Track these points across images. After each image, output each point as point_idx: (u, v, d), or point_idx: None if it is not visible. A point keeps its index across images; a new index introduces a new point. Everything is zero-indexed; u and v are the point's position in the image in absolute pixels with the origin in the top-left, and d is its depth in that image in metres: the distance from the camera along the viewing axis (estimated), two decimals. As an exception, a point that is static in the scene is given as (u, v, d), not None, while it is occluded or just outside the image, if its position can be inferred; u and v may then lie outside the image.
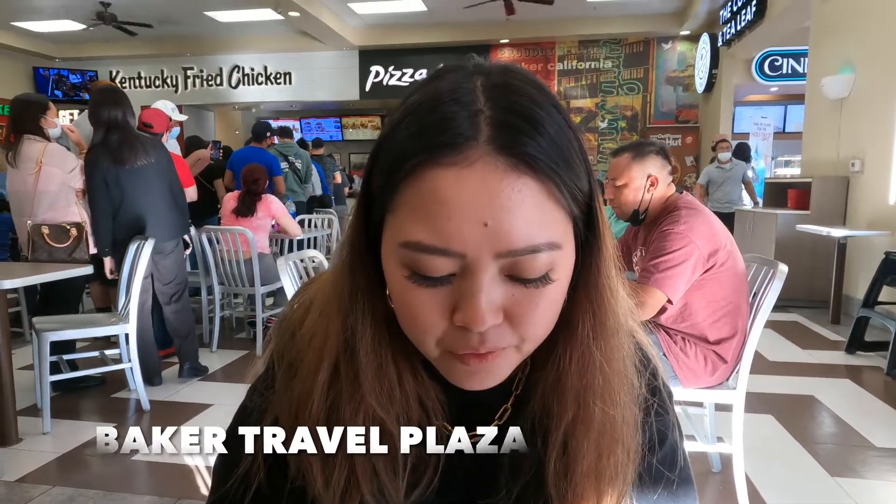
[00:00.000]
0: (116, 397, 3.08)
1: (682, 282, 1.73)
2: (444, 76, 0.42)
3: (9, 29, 9.01)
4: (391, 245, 0.41)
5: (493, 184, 0.37)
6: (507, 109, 0.39)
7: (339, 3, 8.05)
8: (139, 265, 2.77)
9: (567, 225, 0.41)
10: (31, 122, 2.96)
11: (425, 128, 0.39)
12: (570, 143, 0.40)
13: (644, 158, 1.88)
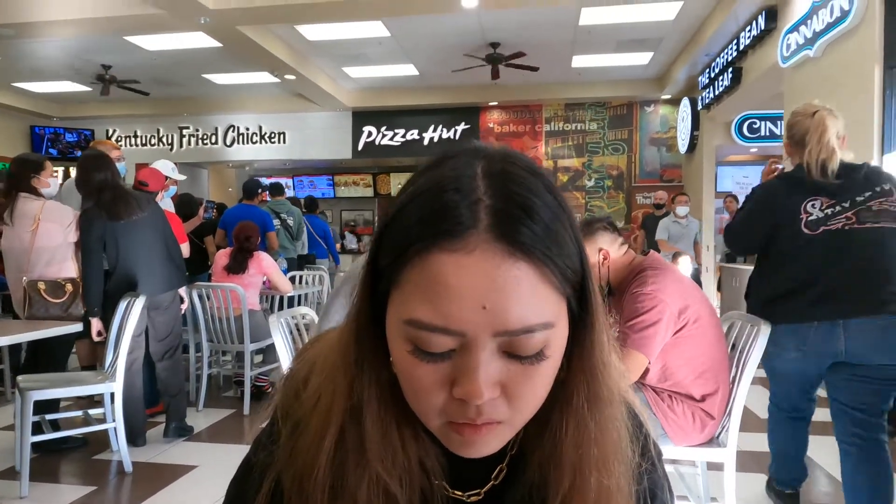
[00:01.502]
0: (98, 459, 3.00)
1: (658, 340, 1.77)
2: (447, 162, 0.46)
3: (9, 89, 9.22)
4: (396, 320, 0.44)
5: (492, 269, 0.41)
6: (505, 198, 0.42)
7: (335, 68, 8.35)
8: (129, 322, 2.77)
9: (560, 304, 0.44)
10: (26, 181, 3.02)
11: (430, 215, 0.42)
12: (563, 227, 0.44)
13: (592, 236, 1.99)
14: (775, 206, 2.05)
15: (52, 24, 6.08)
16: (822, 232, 1.95)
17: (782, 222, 2.02)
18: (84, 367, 3.96)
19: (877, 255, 1.90)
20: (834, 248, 1.93)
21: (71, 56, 7.57)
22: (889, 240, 1.91)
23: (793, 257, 2.00)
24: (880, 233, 1.91)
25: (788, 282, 2.01)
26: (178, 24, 6.13)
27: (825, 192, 1.98)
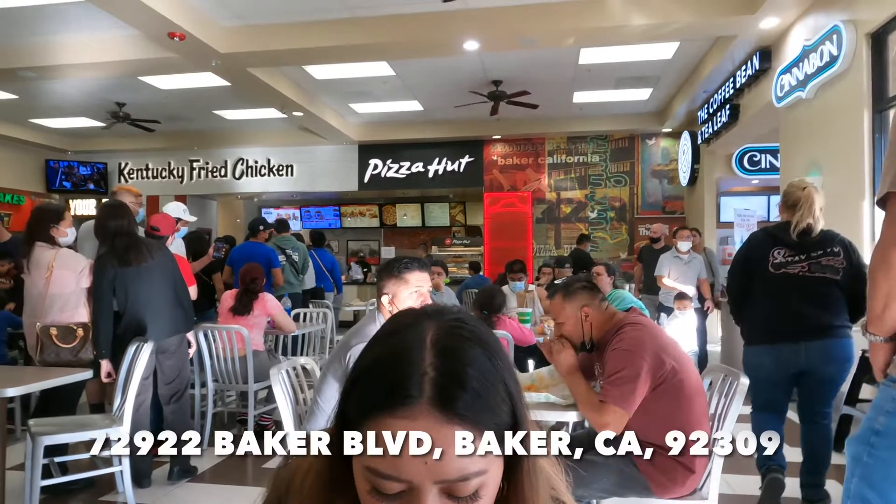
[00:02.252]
0: (104, 500, 3.07)
1: (636, 395, 1.86)
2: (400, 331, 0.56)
3: (26, 125, 9.51)
4: (359, 462, 0.54)
5: (433, 433, 0.50)
6: (444, 372, 0.52)
7: (341, 104, 8.57)
8: (137, 366, 2.86)
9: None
10: (44, 231, 3.15)
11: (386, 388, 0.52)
12: (495, 391, 0.53)
13: (573, 296, 2.12)
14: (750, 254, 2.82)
15: (73, 66, 6.32)
16: (782, 273, 2.65)
17: (756, 265, 2.73)
18: (92, 404, 4.05)
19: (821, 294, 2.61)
20: (789, 286, 2.63)
21: (87, 94, 7.83)
22: (828, 286, 2.61)
23: (762, 291, 2.72)
24: (824, 280, 2.61)
25: (762, 312, 2.73)
26: (191, 66, 6.36)
27: (789, 245, 2.66)
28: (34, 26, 5.77)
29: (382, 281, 2.08)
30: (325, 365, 2.13)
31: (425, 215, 12.33)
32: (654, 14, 5.32)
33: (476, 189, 10.17)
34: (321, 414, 2.07)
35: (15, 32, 5.91)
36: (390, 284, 2.06)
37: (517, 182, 9.92)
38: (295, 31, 5.78)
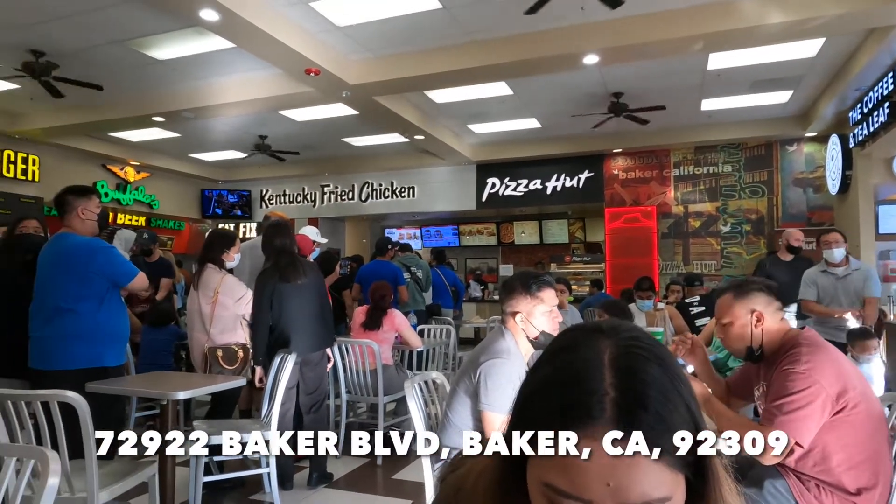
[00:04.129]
0: (254, 499, 3.34)
1: (810, 424, 1.66)
2: (576, 348, 0.55)
3: (186, 159, 10.77)
4: (536, 478, 0.53)
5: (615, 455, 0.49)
6: (626, 394, 0.51)
7: (459, 125, 8.79)
8: (283, 376, 3.11)
9: (677, 479, 0.51)
10: (216, 254, 3.54)
11: (563, 405, 0.52)
12: (679, 415, 0.51)
13: (746, 296, 1.91)
14: None
15: (224, 106, 7.09)
16: None
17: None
18: (242, 409, 4.44)
19: None
20: None
21: (235, 129, 8.71)
22: None
23: None
24: None
25: None
26: (324, 99, 6.86)
27: None
28: (194, 73, 6.55)
29: (514, 299, 2.07)
30: (454, 381, 2.17)
31: (543, 232, 12.22)
32: (795, 10, 4.91)
33: (596, 205, 9.92)
34: (452, 428, 2.11)
35: (179, 79, 6.75)
36: (524, 303, 2.05)
37: (640, 196, 9.53)
38: (418, 59, 6.05)
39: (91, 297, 2.92)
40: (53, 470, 1.29)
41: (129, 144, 9.48)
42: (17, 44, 5.69)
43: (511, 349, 2.05)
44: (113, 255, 3.05)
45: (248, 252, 4.26)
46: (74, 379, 2.66)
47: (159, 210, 11.09)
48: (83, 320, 2.89)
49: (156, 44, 5.77)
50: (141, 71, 6.45)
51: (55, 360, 2.88)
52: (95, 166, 9.81)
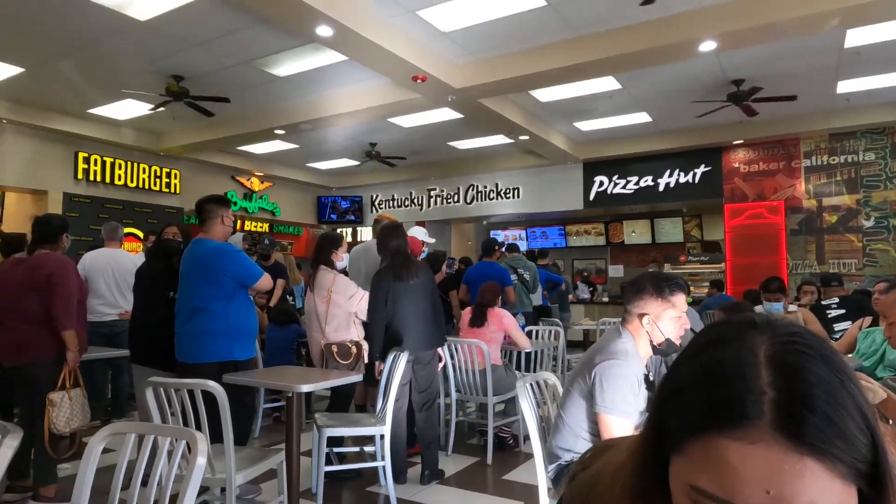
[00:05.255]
0: (370, 491, 3.48)
1: None
2: (726, 343, 0.50)
3: (303, 168, 11.48)
4: (680, 478, 0.49)
5: (776, 462, 0.44)
6: (789, 393, 0.45)
7: (566, 124, 8.63)
8: (396, 373, 3.21)
9: (848, 492, 0.45)
10: (326, 256, 3.75)
11: (714, 403, 0.46)
12: (852, 421, 0.45)
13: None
14: None
15: (338, 116, 7.47)
16: None
17: None
18: (358, 405, 4.65)
19: None
20: None
21: (347, 138, 9.16)
22: None
23: None
24: None
25: None
26: (430, 104, 7.03)
27: None
28: (310, 87, 6.97)
29: (643, 300, 1.99)
30: (568, 382, 2.13)
31: (655, 231, 11.67)
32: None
33: (714, 201, 9.31)
34: (566, 430, 2.07)
35: (297, 94, 7.22)
36: (654, 305, 1.96)
37: (765, 190, 8.81)
38: (523, 59, 6.01)
39: (222, 296, 3.20)
40: (201, 450, 1.42)
41: (255, 157, 10.28)
42: (161, 71, 6.37)
43: (629, 350, 1.97)
44: (241, 257, 3.32)
45: (363, 254, 4.45)
46: (211, 371, 2.92)
47: (281, 217, 11.90)
48: (216, 318, 3.18)
49: (277, 62, 6.21)
50: (264, 88, 6.97)
51: (194, 354, 3.18)
52: (226, 178, 10.74)
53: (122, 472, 1.54)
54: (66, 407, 3.16)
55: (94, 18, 5.15)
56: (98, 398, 4.71)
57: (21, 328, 3.22)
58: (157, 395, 2.39)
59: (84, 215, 8.42)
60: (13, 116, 7.52)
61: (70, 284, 3.24)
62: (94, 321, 4.63)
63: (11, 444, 1.41)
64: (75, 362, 3.24)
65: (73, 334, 3.21)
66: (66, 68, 6.33)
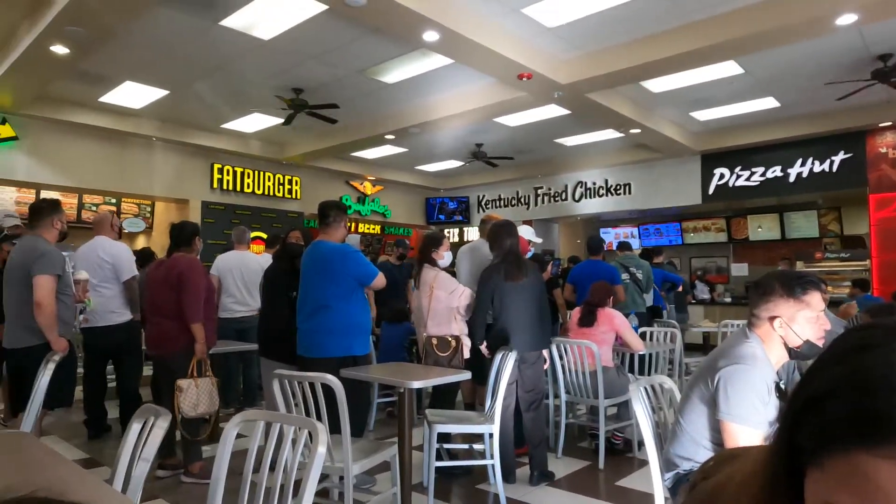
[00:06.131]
0: (479, 489, 3.51)
1: None
2: (874, 349, 0.44)
3: (412, 171, 11.82)
4: (817, 495, 0.44)
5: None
6: None
7: (680, 114, 8.17)
8: (504, 372, 3.22)
9: None
10: (428, 254, 3.84)
11: (859, 417, 0.41)
12: None
13: None
14: None
15: (445, 119, 7.61)
16: None
17: None
18: (466, 403, 4.71)
19: None
20: None
21: (453, 140, 9.29)
22: None
23: None
24: None
25: None
26: (536, 102, 6.95)
27: None
28: (418, 92, 7.16)
29: (771, 301, 1.84)
30: (688, 386, 2.02)
31: (785, 226, 10.71)
32: None
33: (856, 191, 8.36)
34: (685, 437, 1.97)
35: (406, 99, 7.44)
36: (785, 306, 1.81)
37: (920, 177, 7.79)
38: (632, 50, 5.78)
39: (341, 294, 3.39)
40: (321, 440, 1.51)
41: (367, 162, 10.74)
42: (282, 85, 6.84)
43: (757, 355, 1.83)
44: (360, 257, 3.50)
45: (469, 253, 4.50)
46: (330, 366, 3.09)
47: (391, 219, 12.34)
48: (335, 315, 3.37)
49: (386, 70, 6.44)
50: (375, 95, 7.26)
51: (315, 349, 3.39)
52: (340, 182, 11.31)
53: (253, 456, 1.68)
54: (192, 393, 3.50)
55: (225, 42, 5.64)
56: (231, 387, 5.16)
57: (161, 322, 3.63)
58: (283, 386, 2.57)
59: (219, 221, 9.26)
60: (161, 134, 8.43)
61: (197, 283, 3.59)
62: (226, 317, 5.08)
63: (163, 425, 1.59)
64: (202, 353, 3.59)
65: (200, 327, 3.55)
66: (203, 88, 6.98)
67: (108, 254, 4.33)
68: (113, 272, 4.29)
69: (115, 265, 4.29)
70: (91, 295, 4.22)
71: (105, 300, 4.29)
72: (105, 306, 4.29)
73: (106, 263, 4.30)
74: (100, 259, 4.31)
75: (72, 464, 1.66)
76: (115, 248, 4.40)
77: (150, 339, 3.73)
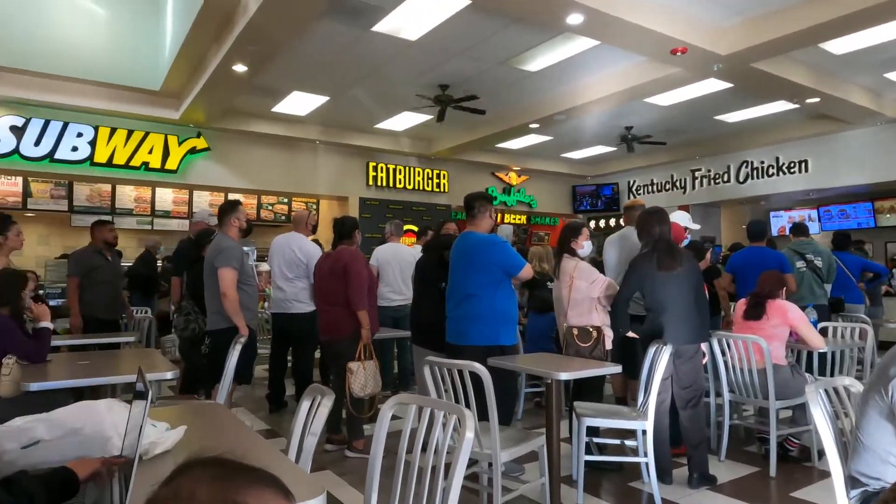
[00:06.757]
0: (632, 486, 3.38)
1: None
2: None
3: (558, 159, 11.60)
4: None
5: None
6: None
7: (873, 77, 7.06)
8: (658, 367, 3.05)
9: None
10: (567, 243, 3.76)
11: None
12: None
13: None
14: None
15: (591, 103, 7.36)
16: None
17: None
18: (617, 397, 4.55)
19: None
20: None
21: (600, 125, 8.95)
22: None
23: None
24: None
25: None
26: (692, 77, 6.45)
27: None
28: (562, 78, 7.00)
29: None
30: (862, 398, 1.75)
31: None
32: None
33: None
34: (867, 453, 1.70)
35: (550, 86, 7.32)
36: None
37: None
38: (807, 8, 5.11)
39: (489, 284, 3.45)
40: (470, 426, 1.56)
41: (511, 152, 10.75)
42: (429, 83, 7.09)
43: None
44: (507, 248, 3.54)
45: (618, 242, 4.32)
46: (478, 354, 3.16)
47: (537, 208, 12.24)
48: (483, 304, 3.44)
49: (530, 58, 6.39)
50: (519, 85, 7.23)
51: (464, 337, 3.49)
52: (486, 174, 11.47)
53: (406, 438, 1.78)
54: (361, 375, 3.79)
55: (376, 47, 5.98)
56: (387, 372, 5.50)
57: (330, 310, 3.97)
58: (433, 372, 2.69)
59: (374, 216, 9.88)
60: (323, 138, 9.19)
61: (361, 272, 3.87)
62: (384, 305, 5.41)
63: (327, 403, 1.75)
64: (368, 338, 3.86)
65: (365, 314, 3.83)
66: (358, 92, 7.48)
67: (303, 252, 4.80)
68: (305, 270, 4.75)
69: (308, 263, 4.74)
70: (282, 284, 4.75)
71: (296, 291, 4.78)
72: (296, 296, 4.79)
73: (300, 260, 4.76)
74: (293, 253, 4.81)
75: (254, 433, 1.90)
76: (309, 247, 4.87)
77: (322, 325, 4.10)
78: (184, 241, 5.40)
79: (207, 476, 0.63)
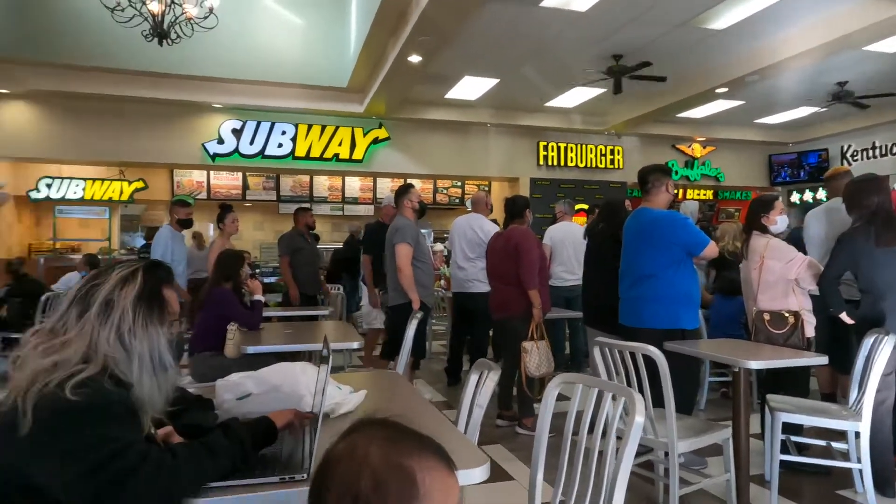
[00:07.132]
0: (840, 495, 2.96)
1: None
2: None
3: (751, 126, 10.39)
4: None
5: None
6: None
7: None
8: (877, 360, 2.61)
9: None
10: (757, 219, 3.33)
11: None
12: None
13: None
14: None
15: (791, 59, 6.46)
16: None
17: None
18: (823, 393, 3.99)
19: None
20: None
21: (803, 83, 7.80)
22: None
23: None
24: None
25: None
26: (929, 15, 5.32)
27: None
28: (755, 33, 6.22)
29: None
30: None
31: None
32: None
33: None
34: None
35: (742, 45, 6.55)
36: None
37: None
38: None
39: (669, 263, 3.23)
40: (639, 410, 1.49)
41: (694, 122, 9.87)
42: (601, 54, 6.78)
43: None
44: (690, 225, 3.29)
45: (825, 215, 3.77)
46: (655, 337, 2.98)
47: (725, 182, 11.13)
48: (662, 284, 3.23)
49: (714, 15, 5.78)
50: (703, 45, 6.59)
51: (639, 319, 3.31)
52: (666, 147, 10.69)
53: (573, 418, 1.76)
54: (535, 354, 3.81)
55: (544, 22, 5.87)
56: (559, 352, 5.45)
57: (502, 289, 4.04)
58: (604, 354, 2.60)
59: (545, 196, 9.79)
60: (494, 120, 9.32)
61: (532, 251, 3.87)
62: (557, 285, 5.36)
63: (493, 377, 1.80)
64: (539, 318, 3.86)
65: (536, 293, 3.84)
66: (528, 71, 7.42)
67: (484, 232, 4.95)
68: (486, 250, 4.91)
69: None
70: (464, 264, 4.96)
71: (476, 271, 4.96)
72: (476, 276, 4.97)
73: (481, 240, 4.90)
74: (474, 234, 5.00)
75: (427, 402, 2.01)
76: (489, 227, 5.01)
77: (494, 303, 4.20)
78: (371, 224, 5.89)
79: (379, 437, 0.68)
